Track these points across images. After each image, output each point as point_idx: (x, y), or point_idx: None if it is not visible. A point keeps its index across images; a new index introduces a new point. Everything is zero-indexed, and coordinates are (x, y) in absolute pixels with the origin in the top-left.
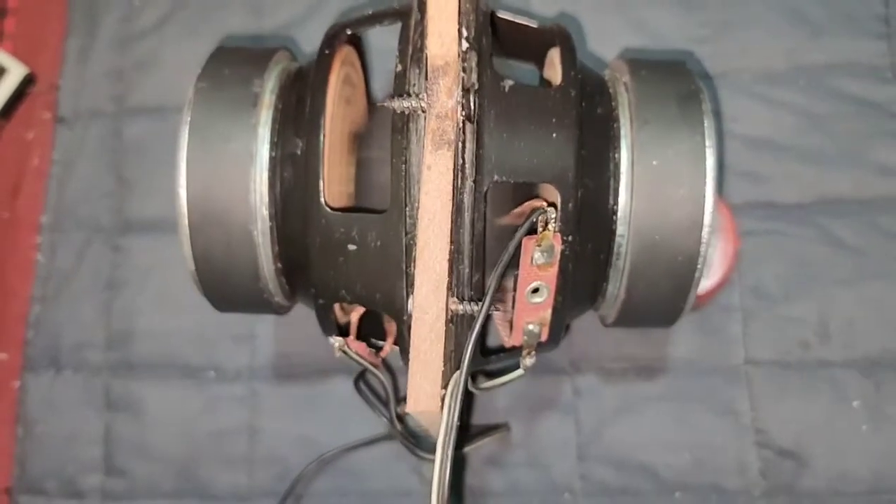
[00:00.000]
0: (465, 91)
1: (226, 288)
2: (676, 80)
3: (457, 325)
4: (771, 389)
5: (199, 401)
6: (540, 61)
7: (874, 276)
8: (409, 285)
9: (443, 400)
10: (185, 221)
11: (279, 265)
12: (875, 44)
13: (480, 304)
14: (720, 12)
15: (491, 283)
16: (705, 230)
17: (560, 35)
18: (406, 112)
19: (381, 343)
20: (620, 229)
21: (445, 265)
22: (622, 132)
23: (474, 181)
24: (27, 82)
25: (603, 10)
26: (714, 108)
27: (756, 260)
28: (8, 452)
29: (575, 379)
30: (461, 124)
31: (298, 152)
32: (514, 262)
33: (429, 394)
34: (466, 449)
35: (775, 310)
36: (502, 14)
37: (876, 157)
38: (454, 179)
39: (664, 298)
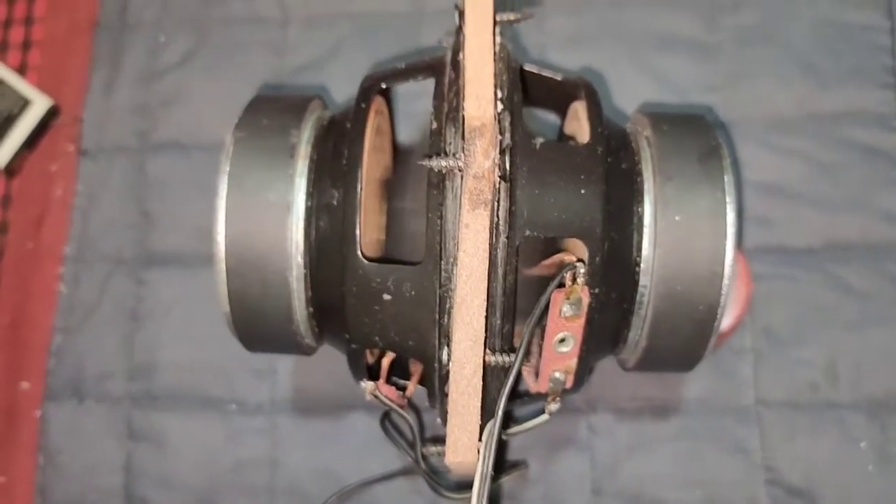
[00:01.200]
0: (501, 152)
1: (259, 330)
2: (697, 135)
3: (488, 374)
4: (781, 429)
5: (221, 432)
6: (562, 111)
7: (880, 321)
8: (442, 335)
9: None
10: (223, 266)
11: (311, 309)
12: (882, 93)
13: (513, 356)
14: (733, 62)
15: (524, 338)
16: (725, 282)
17: (586, 90)
18: (443, 171)
19: (405, 383)
20: (643, 280)
21: (482, 321)
22: (646, 187)
23: (507, 237)
24: (51, 114)
25: (617, 58)
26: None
27: (767, 303)
28: (29, 481)
29: (590, 417)
30: (497, 184)
31: (335, 203)
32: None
33: (466, 445)
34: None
35: (785, 352)
36: (528, 67)
37: (882, 203)
38: (490, 237)
39: (684, 346)
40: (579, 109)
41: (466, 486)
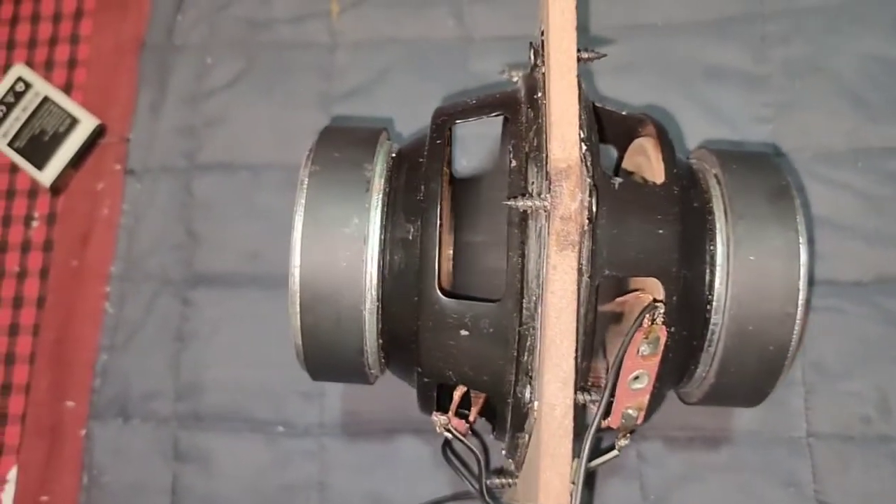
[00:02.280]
0: (588, 194)
1: (328, 361)
2: (766, 175)
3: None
4: (833, 462)
5: (268, 455)
6: (621, 145)
7: None
8: (521, 372)
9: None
10: (297, 299)
11: (381, 341)
12: None
13: (593, 394)
14: (782, 94)
15: (609, 379)
16: (797, 323)
17: (657, 129)
18: (528, 210)
19: (465, 412)
20: (715, 318)
21: (572, 362)
22: (717, 226)
23: (589, 276)
24: (97, 133)
25: (665, 88)
26: None
27: (817, 336)
28: (72, 500)
29: (640, 445)
30: (585, 226)
31: (410, 237)
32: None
33: (559, 489)
34: None
35: (836, 385)
36: (597, 103)
37: None
38: (578, 278)
39: (752, 383)
40: (646, 146)
41: None
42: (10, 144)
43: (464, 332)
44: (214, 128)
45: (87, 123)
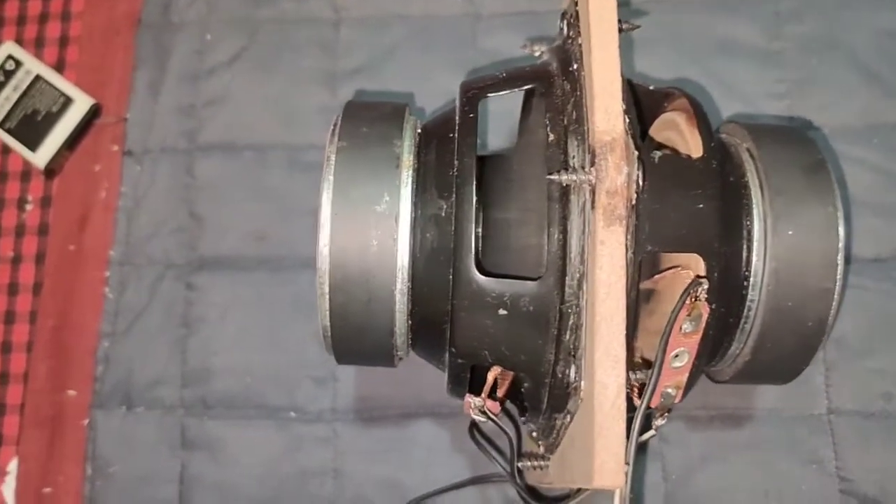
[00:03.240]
0: (634, 166)
1: (357, 343)
2: (800, 149)
3: None
4: (854, 439)
5: (280, 441)
6: (647, 120)
7: None
8: (562, 351)
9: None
10: (327, 279)
11: (410, 322)
12: None
13: (637, 372)
14: (797, 70)
15: (658, 357)
16: (836, 298)
17: (691, 103)
18: (571, 185)
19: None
20: (752, 294)
21: (623, 340)
22: (754, 201)
23: (633, 252)
24: (92, 113)
25: (680, 64)
26: None
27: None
28: (76, 492)
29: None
30: (633, 200)
31: (442, 214)
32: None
33: (613, 469)
34: None
35: (857, 361)
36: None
37: None
38: (626, 254)
39: (788, 360)
40: (678, 120)
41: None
42: (2, 125)
43: (502, 311)
44: (216, 107)
45: (81, 103)
